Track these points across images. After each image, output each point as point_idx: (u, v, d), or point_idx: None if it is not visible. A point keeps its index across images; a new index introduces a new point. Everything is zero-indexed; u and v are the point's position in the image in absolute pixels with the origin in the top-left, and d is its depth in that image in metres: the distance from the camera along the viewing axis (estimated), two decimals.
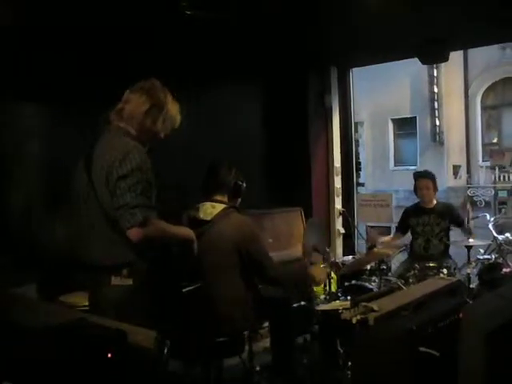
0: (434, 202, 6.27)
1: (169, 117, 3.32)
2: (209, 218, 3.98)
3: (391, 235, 6.76)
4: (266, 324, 4.64)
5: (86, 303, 3.38)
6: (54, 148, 4.87)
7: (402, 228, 6.51)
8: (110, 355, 1.96)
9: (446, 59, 6.48)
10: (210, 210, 4.01)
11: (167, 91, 3.33)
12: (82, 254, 3.21)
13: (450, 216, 6.22)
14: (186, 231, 3.45)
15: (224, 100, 6.45)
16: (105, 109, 3.28)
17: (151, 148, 3.28)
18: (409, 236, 6.43)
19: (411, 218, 6.32)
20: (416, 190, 6.30)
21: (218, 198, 4.08)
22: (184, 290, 3.92)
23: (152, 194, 3.12)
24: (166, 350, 3.23)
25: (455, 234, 6.36)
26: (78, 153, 3.30)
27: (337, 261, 6.14)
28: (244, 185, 4.16)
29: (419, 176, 6.36)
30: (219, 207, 4.01)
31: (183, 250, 3.49)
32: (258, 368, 4.61)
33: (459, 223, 6.25)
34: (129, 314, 2.50)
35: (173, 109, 3.35)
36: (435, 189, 6.25)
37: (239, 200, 4.21)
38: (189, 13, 4.76)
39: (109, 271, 3.07)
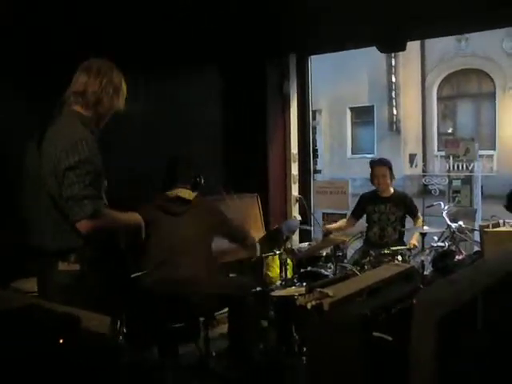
0: (391, 190, 6.31)
1: (124, 92, 3.34)
2: (191, 198, 4.46)
3: (345, 220, 6.79)
4: (223, 310, 4.66)
5: None
6: (2, 130, 4.76)
7: (356, 213, 6.56)
8: (61, 341, 1.93)
9: (403, 48, 6.54)
10: (189, 193, 4.47)
11: (116, 68, 3.32)
12: (30, 238, 3.17)
13: (405, 206, 6.28)
14: (135, 217, 3.44)
15: (181, 87, 6.40)
16: (54, 89, 3.22)
17: (100, 138, 3.23)
18: (364, 223, 6.48)
19: (368, 205, 6.36)
20: (372, 177, 6.33)
21: (186, 190, 4.50)
22: (132, 276, 3.95)
23: (101, 184, 3.08)
24: (121, 335, 3.22)
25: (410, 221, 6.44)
26: (27, 137, 3.24)
27: (293, 247, 6.18)
28: (203, 179, 4.56)
29: (376, 163, 6.38)
30: (193, 194, 4.50)
31: (132, 236, 3.50)
32: (213, 354, 4.62)
33: (414, 214, 6.32)
34: (76, 300, 2.47)
35: (124, 85, 3.35)
36: (392, 177, 6.28)
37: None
38: None
39: (56, 256, 3.04)
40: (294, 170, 7.55)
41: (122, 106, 3.32)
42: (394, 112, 21.42)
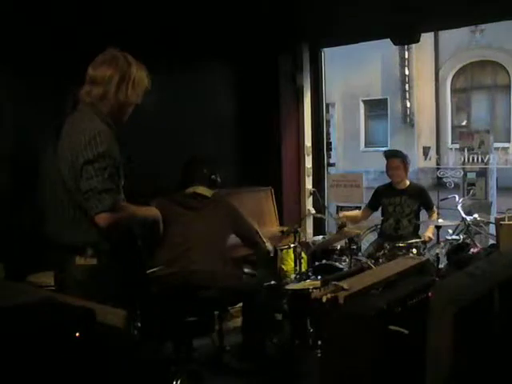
0: (407, 182, 6.28)
1: (137, 81, 3.19)
2: (209, 195, 4.57)
3: (360, 210, 6.76)
4: (238, 304, 4.67)
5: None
6: (20, 125, 4.78)
7: (371, 205, 6.54)
8: (77, 334, 1.93)
9: (417, 40, 6.51)
10: (207, 190, 4.56)
11: (127, 55, 3.18)
12: (47, 232, 3.17)
13: (420, 198, 6.25)
14: (153, 212, 3.43)
15: (195, 81, 6.39)
16: (73, 83, 3.20)
17: (119, 136, 3.18)
18: (379, 216, 6.46)
19: (383, 197, 6.33)
20: (387, 169, 6.30)
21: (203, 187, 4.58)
22: (148, 272, 3.98)
23: (120, 178, 3.07)
24: (135, 329, 3.22)
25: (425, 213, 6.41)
26: (45, 130, 3.24)
27: (307, 241, 6.16)
28: (219, 178, 4.66)
29: (390, 155, 6.34)
30: (211, 191, 4.60)
31: (148, 231, 3.50)
32: (228, 347, 4.63)
33: (429, 207, 6.30)
34: (93, 294, 2.47)
35: (139, 71, 3.20)
36: (406, 169, 6.24)
37: None
38: None
39: (73, 250, 3.03)
40: (308, 163, 7.53)
41: (136, 97, 3.19)
42: (408, 105, 21.28)
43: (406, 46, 19.14)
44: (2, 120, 4.78)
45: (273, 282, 4.96)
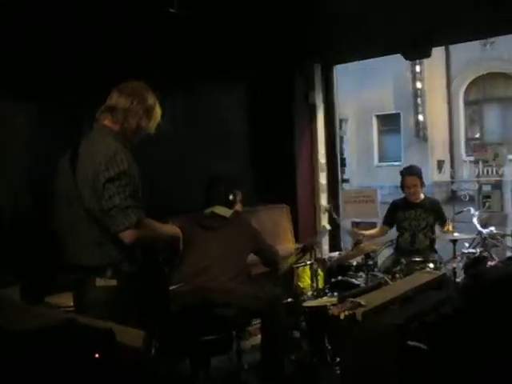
0: (422, 196, 6.28)
1: (155, 115, 3.34)
2: (227, 216, 4.61)
3: (377, 228, 6.74)
4: (255, 322, 4.67)
5: (72, 304, 3.36)
6: (36, 146, 4.82)
7: (388, 220, 6.51)
8: (97, 355, 1.94)
9: (428, 55, 6.51)
10: (225, 210, 4.62)
11: (148, 88, 3.33)
12: (66, 254, 3.19)
13: (435, 212, 6.24)
14: (174, 229, 3.48)
15: (209, 100, 6.44)
16: (87, 105, 3.25)
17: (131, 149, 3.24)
18: (394, 231, 6.44)
19: (398, 211, 6.31)
20: (403, 186, 6.30)
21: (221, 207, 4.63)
22: (170, 289, 3.99)
23: (139, 196, 3.11)
24: (153, 350, 3.23)
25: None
26: (61, 151, 3.28)
27: (323, 257, 6.16)
28: (238, 197, 4.73)
29: (407, 174, 6.31)
30: (230, 211, 4.64)
31: (169, 248, 3.53)
32: (246, 366, 4.62)
33: (443, 221, 6.27)
34: (113, 315, 2.49)
35: (158, 109, 3.37)
36: (422, 185, 6.26)
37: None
38: (173, 11, 4.75)
39: (93, 272, 3.06)
40: (323, 179, 7.54)
41: (152, 129, 3.35)
42: (421, 118, 21.24)
43: (417, 61, 19.14)
44: (18, 141, 4.81)
45: (290, 300, 4.96)
